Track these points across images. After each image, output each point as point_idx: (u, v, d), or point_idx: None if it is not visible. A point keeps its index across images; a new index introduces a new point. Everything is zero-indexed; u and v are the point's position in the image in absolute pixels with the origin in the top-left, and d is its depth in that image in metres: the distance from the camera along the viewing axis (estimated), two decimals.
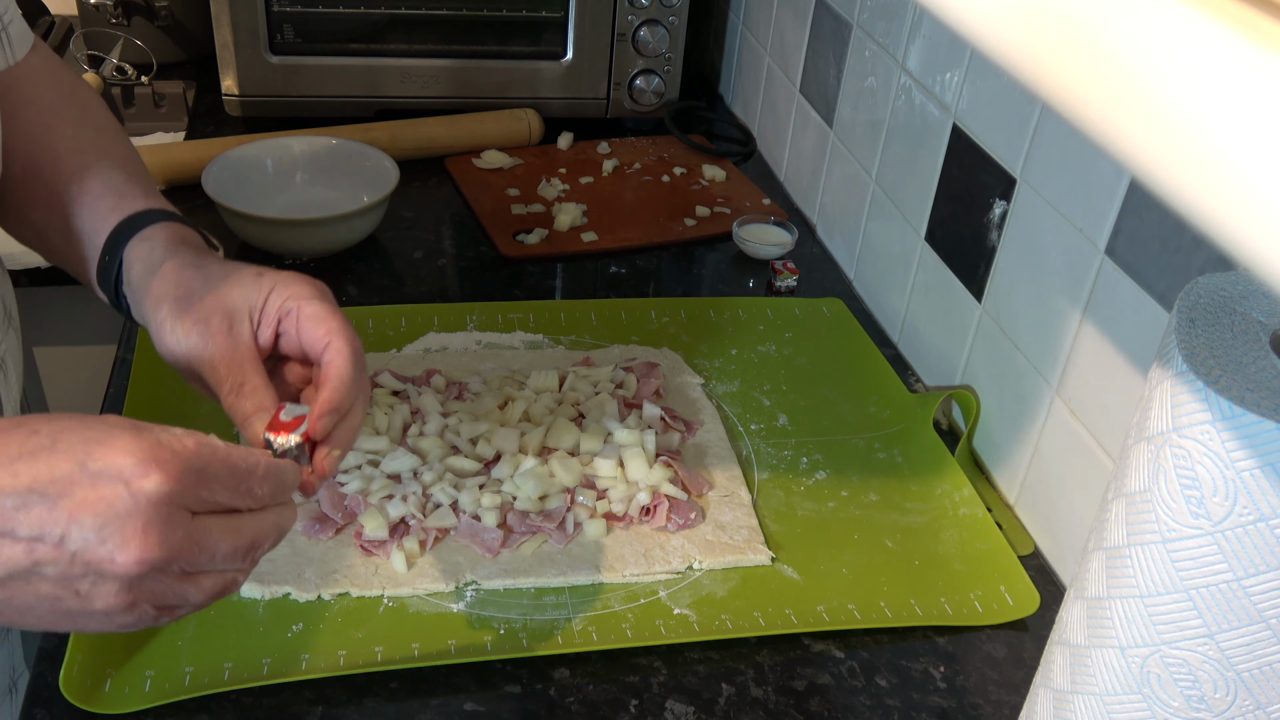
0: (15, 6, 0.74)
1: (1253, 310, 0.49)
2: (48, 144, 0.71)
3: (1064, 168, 0.79)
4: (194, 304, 0.61)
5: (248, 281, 0.61)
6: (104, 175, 0.70)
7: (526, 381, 0.92)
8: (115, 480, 0.46)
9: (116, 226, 0.67)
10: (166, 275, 0.62)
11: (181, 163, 1.18)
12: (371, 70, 1.32)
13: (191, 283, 0.62)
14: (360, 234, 1.11)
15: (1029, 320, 0.85)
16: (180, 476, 0.47)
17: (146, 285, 0.63)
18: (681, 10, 1.33)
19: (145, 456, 0.46)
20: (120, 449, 0.46)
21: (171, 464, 0.47)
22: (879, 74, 1.07)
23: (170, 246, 0.65)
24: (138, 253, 0.65)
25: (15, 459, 0.46)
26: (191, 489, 0.48)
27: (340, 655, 0.70)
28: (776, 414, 0.94)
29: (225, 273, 0.62)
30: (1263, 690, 0.47)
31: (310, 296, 0.61)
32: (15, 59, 0.73)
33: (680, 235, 1.20)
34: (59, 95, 0.75)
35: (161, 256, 0.64)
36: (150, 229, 0.66)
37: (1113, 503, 0.51)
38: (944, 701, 0.72)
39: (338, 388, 0.58)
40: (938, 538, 0.83)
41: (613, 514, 0.81)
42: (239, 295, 0.61)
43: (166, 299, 0.61)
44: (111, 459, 0.46)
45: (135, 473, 0.46)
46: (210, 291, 0.61)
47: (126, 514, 0.46)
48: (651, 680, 0.71)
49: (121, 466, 0.46)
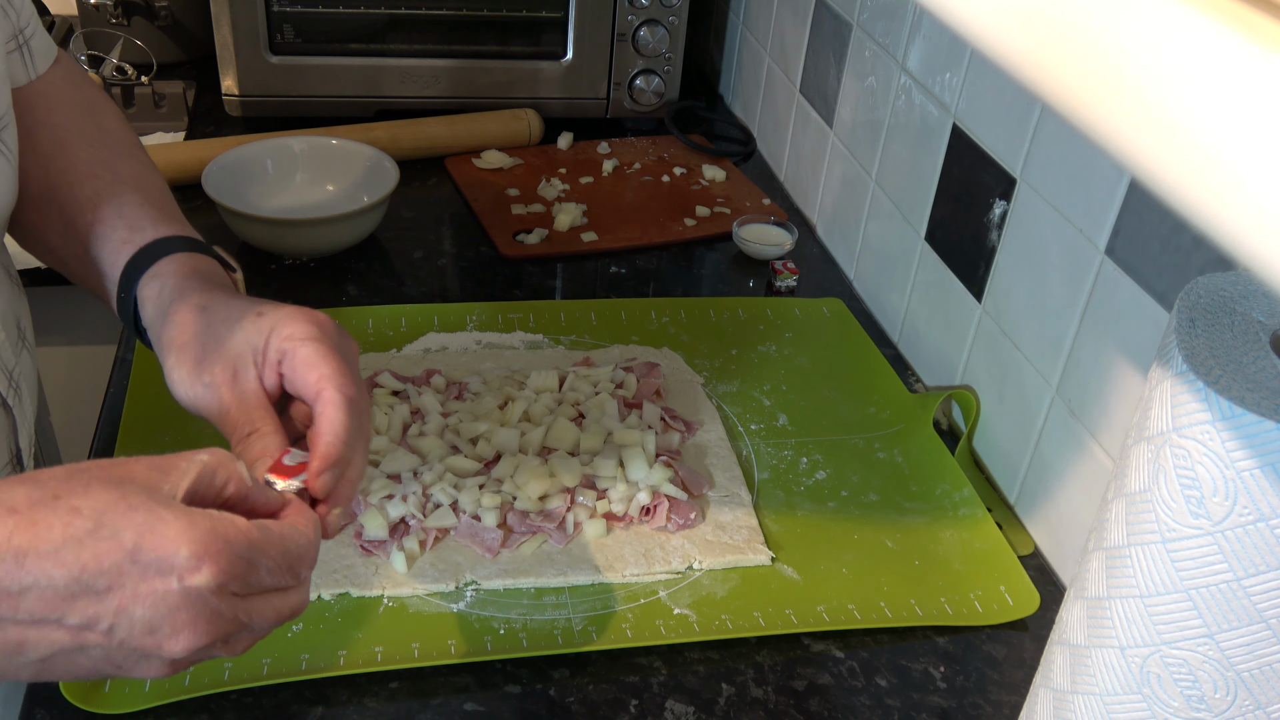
0: (38, 20, 0.73)
1: (1253, 310, 0.49)
2: (62, 167, 0.70)
3: (1064, 168, 0.79)
4: (198, 354, 0.59)
5: (249, 324, 0.59)
6: (115, 202, 0.68)
7: (526, 381, 0.92)
8: (167, 573, 0.45)
9: (128, 263, 0.65)
10: (173, 322, 0.61)
11: (181, 163, 1.18)
12: (371, 70, 1.32)
13: (195, 329, 0.60)
14: (360, 234, 1.11)
15: (1029, 320, 0.85)
16: (231, 568, 0.47)
17: (157, 330, 0.62)
18: (681, 10, 1.33)
19: (198, 550, 0.46)
20: (172, 539, 0.45)
21: (224, 555, 0.46)
22: (879, 74, 1.07)
23: (178, 286, 0.63)
24: (148, 293, 0.64)
25: (60, 546, 0.44)
26: (241, 577, 0.48)
27: (340, 655, 0.70)
28: (776, 414, 0.94)
29: (228, 314, 0.60)
30: (1263, 690, 0.47)
31: (306, 338, 0.58)
32: (36, 73, 0.73)
33: (680, 235, 1.20)
34: (74, 112, 0.73)
35: (170, 298, 0.63)
36: (159, 265, 0.65)
37: (1113, 503, 0.51)
38: (944, 701, 0.72)
39: (332, 442, 0.56)
40: (938, 538, 0.83)
41: (613, 514, 0.81)
42: (241, 340, 0.59)
43: (173, 347, 0.60)
44: (162, 549, 0.45)
45: (188, 567, 0.46)
46: (213, 338, 0.60)
47: (177, 607, 0.46)
48: (651, 680, 0.71)
49: (173, 559, 0.45)
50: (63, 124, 0.72)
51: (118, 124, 0.76)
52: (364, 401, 0.59)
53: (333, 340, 0.59)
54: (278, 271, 1.08)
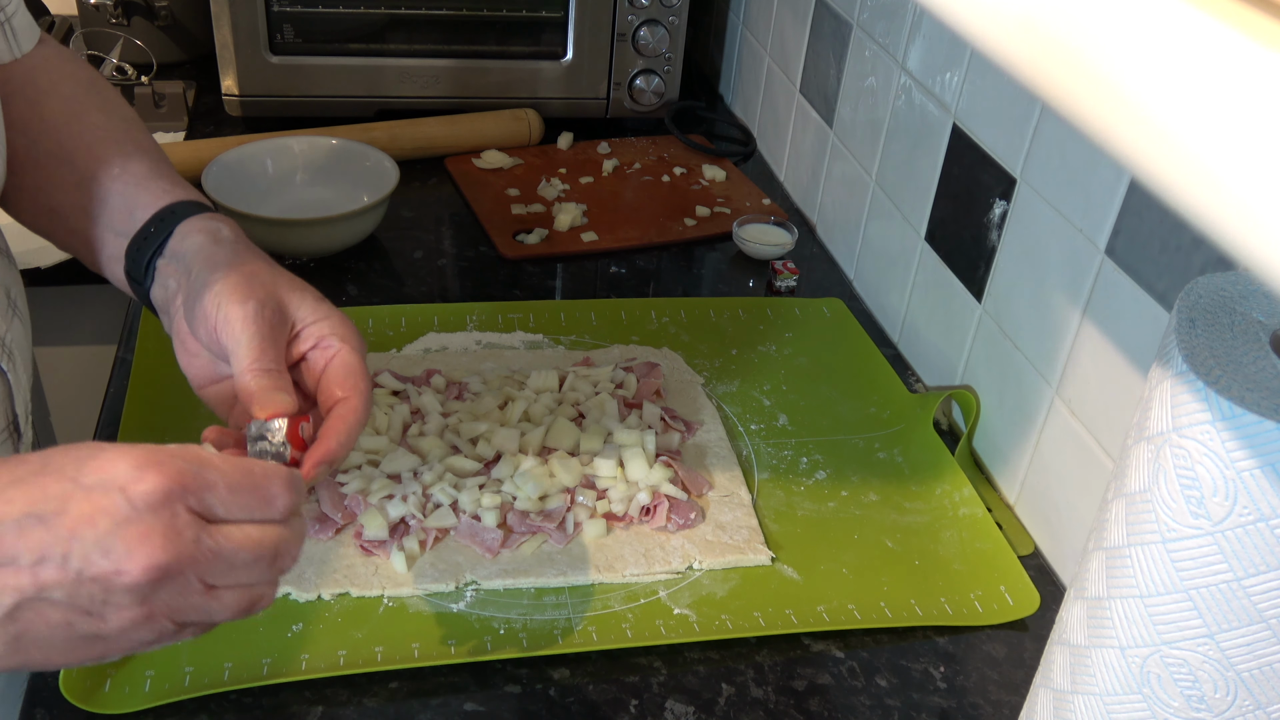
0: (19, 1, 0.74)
1: (1253, 310, 0.49)
2: (76, 131, 0.71)
3: (1064, 168, 0.79)
4: (256, 284, 0.61)
5: (310, 299, 0.63)
6: (149, 164, 0.70)
7: (526, 381, 0.92)
8: (111, 489, 0.44)
9: (172, 204, 0.67)
10: (239, 252, 0.63)
11: (181, 163, 1.18)
12: (371, 70, 1.32)
13: (263, 272, 0.62)
14: (360, 234, 1.11)
15: (1029, 320, 0.85)
16: (178, 476, 0.45)
17: (209, 252, 0.63)
18: (681, 10, 1.33)
19: (139, 461, 0.45)
20: (112, 458, 0.45)
21: (169, 465, 0.45)
22: (879, 74, 1.07)
23: (238, 235, 0.66)
24: (202, 226, 0.65)
25: (6, 486, 0.44)
26: (195, 490, 0.46)
27: (340, 655, 0.70)
28: (776, 414, 0.94)
29: (293, 279, 0.64)
30: (1263, 690, 0.47)
31: (354, 346, 0.62)
32: (21, 51, 0.73)
33: (680, 235, 1.20)
34: (80, 86, 0.74)
35: (232, 237, 0.65)
36: (213, 215, 0.67)
37: (1113, 503, 0.51)
38: (944, 701, 0.71)
39: (343, 443, 0.58)
40: (938, 538, 0.83)
41: (613, 514, 0.81)
42: (297, 301, 0.62)
43: (228, 266, 0.61)
44: (105, 469, 0.45)
45: (131, 478, 0.45)
46: (276, 283, 0.62)
47: (126, 520, 0.44)
48: (651, 680, 0.71)
49: (116, 474, 0.45)
50: (71, 94, 0.73)
51: (121, 101, 0.77)
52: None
53: (366, 365, 0.62)
54: None
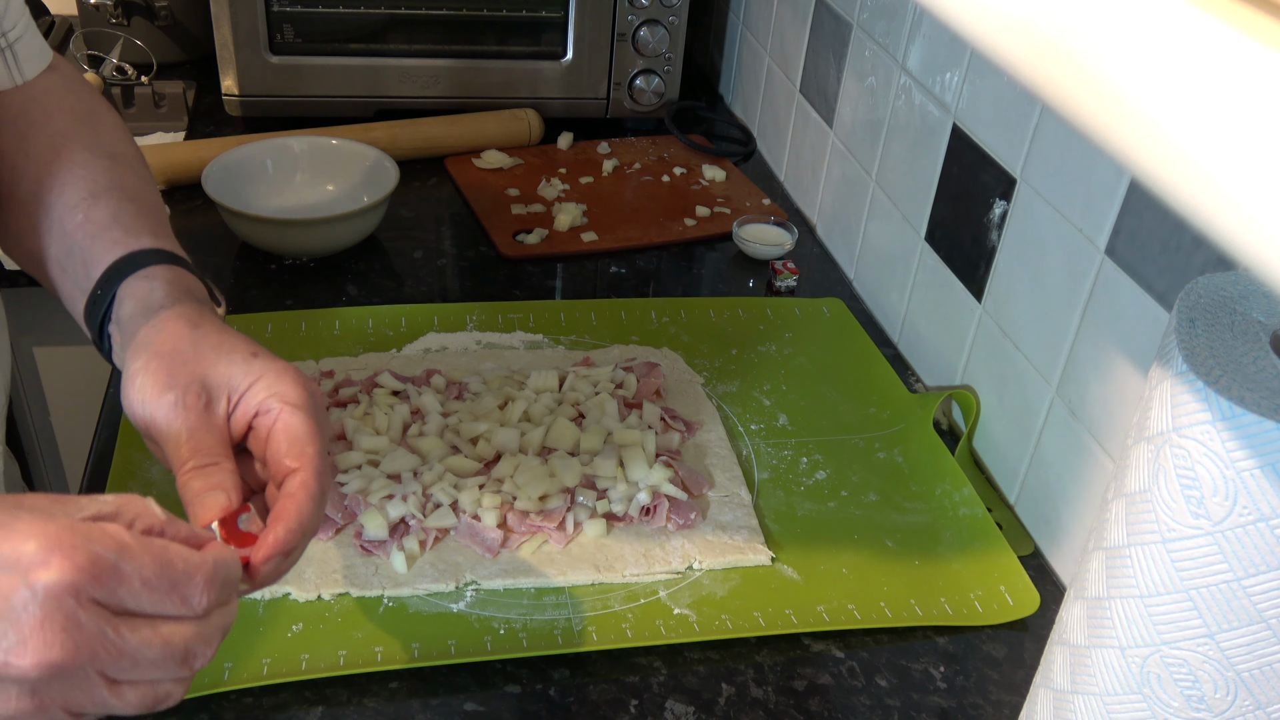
0: (29, 22, 0.71)
1: (1253, 310, 0.49)
2: (57, 170, 0.67)
3: (1064, 168, 0.79)
4: (174, 367, 0.55)
5: (240, 361, 0.56)
6: (113, 207, 0.65)
7: (526, 381, 0.92)
8: (11, 570, 0.40)
9: (117, 260, 0.62)
10: (158, 326, 0.57)
11: (181, 163, 1.18)
12: (371, 70, 1.32)
13: (181, 342, 0.56)
14: (360, 234, 1.11)
15: (1029, 320, 0.85)
16: (88, 566, 0.41)
17: (135, 327, 0.58)
18: (681, 10, 1.33)
19: (48, 543, 0.41)
20: (22, 534, 0.41)
21: (79, 551, 0.41)
22: (879, 74, 1.07)
23: (172, 293, 0.60)
24: (134, 290, 0.61)
25: None
26: (104, 582, 0.42)
27: (340, 655, 0.70)
28: (776, 414, 0.94)
29: (219, 342, 0.57)
30: (1263, 690, 0.47)
31: (295, 404, 0.55)
32: (23, 78, 0.70)
33: (680, 235, 1.20)
34: (73, 120, 0.71)
35: (161, 301, 0.59)
36: (154, 268, 0.62)
37: (1113, 503, 0.51)
38: (944, 701, 0.71)
39: (294, 530, 0.52)
40: (938, 538, 0.83)
41: (613, 514, 0.81)
42: (226, 373, 0.56)
43: (148, 350, 0.56)
44: (11, 545, 0.40)
45: (36, 561, 0.40)
46: (197, 358, 0.56)
47: (22, 608, 0.40)
48: (651, 680, 0.71)
49: (20, 554, 0.40)
50: (60, 130, 0.70)
51: (119, 135, 0.73)
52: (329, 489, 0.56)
53: (318, 416, 0.56)
54: (278, 271, 1.08)
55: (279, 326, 0.99)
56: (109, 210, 0.65)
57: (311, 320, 1.00)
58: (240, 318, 1.00)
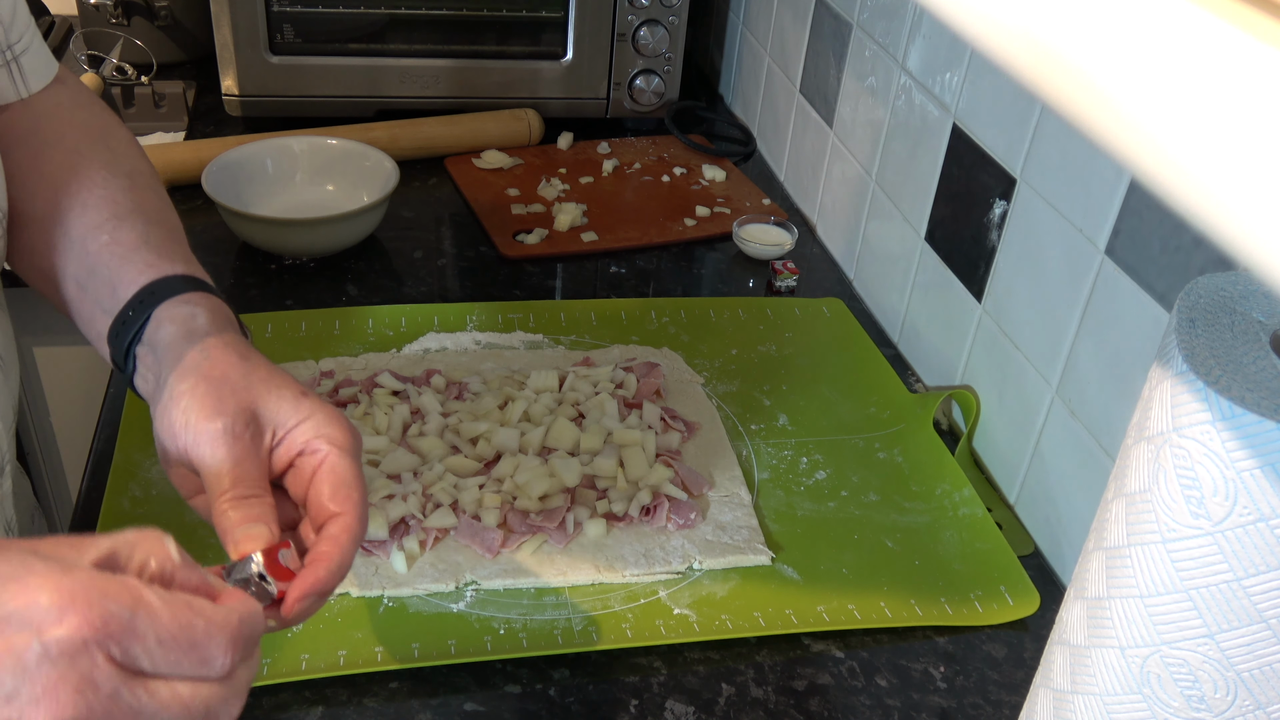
0: (35, 34, 0.70)
1: (1253, 310, 0.49)
2: (74, 189, 0.66)
3: (1064, 168, 0.79)
4: (226, 394, 0.55)
5: (290, 397, 0.56)
6: (140, 230, 0.64)
7: (526, 381, 0.92)
8: (25, 626, 0.39)
9: (152, 283, 0.61)
10: (208, 351, 0.57)
11: (181, 163, 1.18)
12: (371, 70, 1.32)
13: (232, 371, 0.56)
14: (360, 234, 1.11)
15: (1029, 320, 0.85)
16: (102, 624, 0.39)
17: (179, 351, 0.57)
18: (681, 10, 1.33)
19: (62, 598, 0.39)
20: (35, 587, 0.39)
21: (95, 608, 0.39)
22: (879, 74, 1.07)
23: (215, 321, 0.60)
24: (175, 314, 0.60)
25: None
26: (121, 640, 0.40)
27: (340, 655, 0.70)
28: (776, 414, 0.94)
29: (269, 376, 0.57)
30: (1263, 690, 0.47)
31: (343, 449, 0.55)
32: (28, 91, 0.70)
33: (680, 235, 1.20)
34: (87, 138, 0.70)
35: (205, 328, 0.59)
36: (194, 295, 0.61)
37: (1113, 503, 0.51)
38: (944, 701, 0.72)
39: (334, 572, 0.51)
40: (938, 538, 0.83)
41: (613, 514, 0.81)
42: (274, 406, 0.55)
43: (196, 373, 0.55)
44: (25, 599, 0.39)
45: (49, 618, 0.39)
46: (248, 389, 0.55)
47: (35, 667, 0.38)
48: (651, 680, 0.71)
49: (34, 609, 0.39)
50: (75, 147, 0.68)
51: (134, 152, 0.72)
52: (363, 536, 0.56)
53: (360, 462, 0.56)
54: (278, 271, 1.08)
55: (279, 326, 0.99)
56: (136, 233, 0.64)
57: (311, 320, 1.00)
58: (240, 318, 1.00)
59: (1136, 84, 0.23)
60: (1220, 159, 0.21)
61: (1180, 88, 0.22)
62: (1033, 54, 0.26)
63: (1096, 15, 0.24)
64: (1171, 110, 0.22)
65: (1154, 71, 0.22)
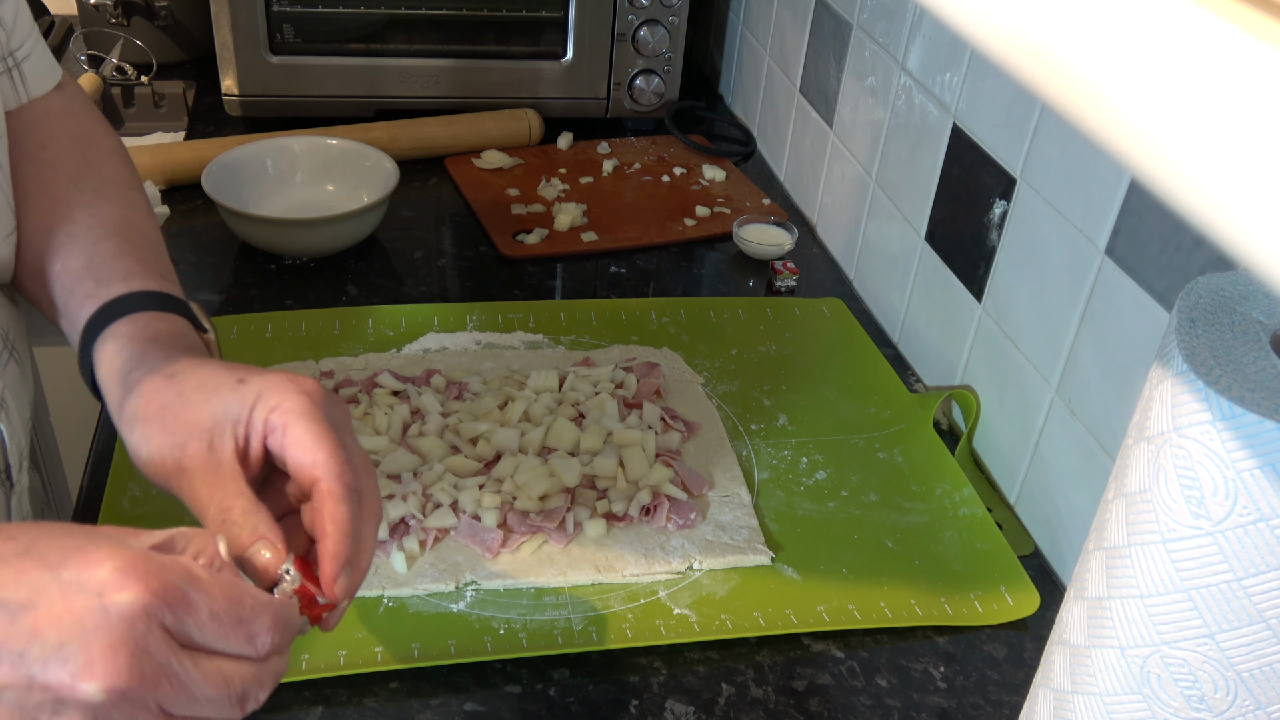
0: (38, 40, 0.70)
1: (1253, 310, 0.49)
2: (40, 207, 0.65)
3: (1064, 168, 0.79)
4: (169, 423, 0.53)
5: (228, 393, 0.53)
6: (87, 250, 0.63)
7: (526, 381, 0.92)
8: (88, 591, 0.40)
9: (90, 318, 0.60)
10: (138, 393, 0.55)
11: (181, 163, 1.18)
12: (371, 70, 1.32)
13: (164, 397, 0.54)
14: (360, 234, 1.11)
15: (1029, 320, 0.85)
16: (162, 592, 0.41)
17: (116, 398, 0.56)
18: (681, 10, 1.33)
19: (125, 565, 0.41)
20: (98, 558, 0.41)
21: (154, 577, 0.41)
22: (879, 74, 1.07)
23: (139, 352, 0.57)
24: (104, 353, 0.58)
25: None
26: (176, 610, 0.42)
27: (340, 655, 0.70)
28: (776, 414, 0.94)
29: (202, 381, 0.54)
30: (1263, 690, 0.47)
31: (298, 413, 0.52)
32: (29, 96, 0.69)
33: (680, 235, 1.20)
34: (66, 147, 0.69)
35: (131, 364, 0.57)
36: (119, 325, 0.59)
37: (1113, 503, 0.51)
38: (944, 701, 0.72)
39: (339, 540, 0.51)
40: (938, 538, 0.83)
41: (613, 514, 0.81)
42: (218, 409, 0.53)
43: (138, 420, 0.54)
44: (88, 567, 0.41)
45: (111, 583, 0.41)
46: (185, 406, 0.53)
47: (94, 630, 0.40)
48: (651, 680, 0.71)
49: (97, 576, 0.41)
50: (51, 160, 0.67)
51: (113, 161, 0.70)
52: (366, 481, 0.54)
53: (324, 413, 0.54)
54: (278, 271, 1.08)
55: (279, 326, 0.99)
56: (82, 257, 0.63)
57: (311, 320, 1.00)
58: (240, 318, 1.00)
59: (1136, 83, 0.23)
60: (1220, 159, 0.21)
61: (1180, 87, 0.22)
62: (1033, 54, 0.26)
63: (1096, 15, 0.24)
64: (1171, 110, 0.22)
65: (1154, 71, 0.22)
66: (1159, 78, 0.22)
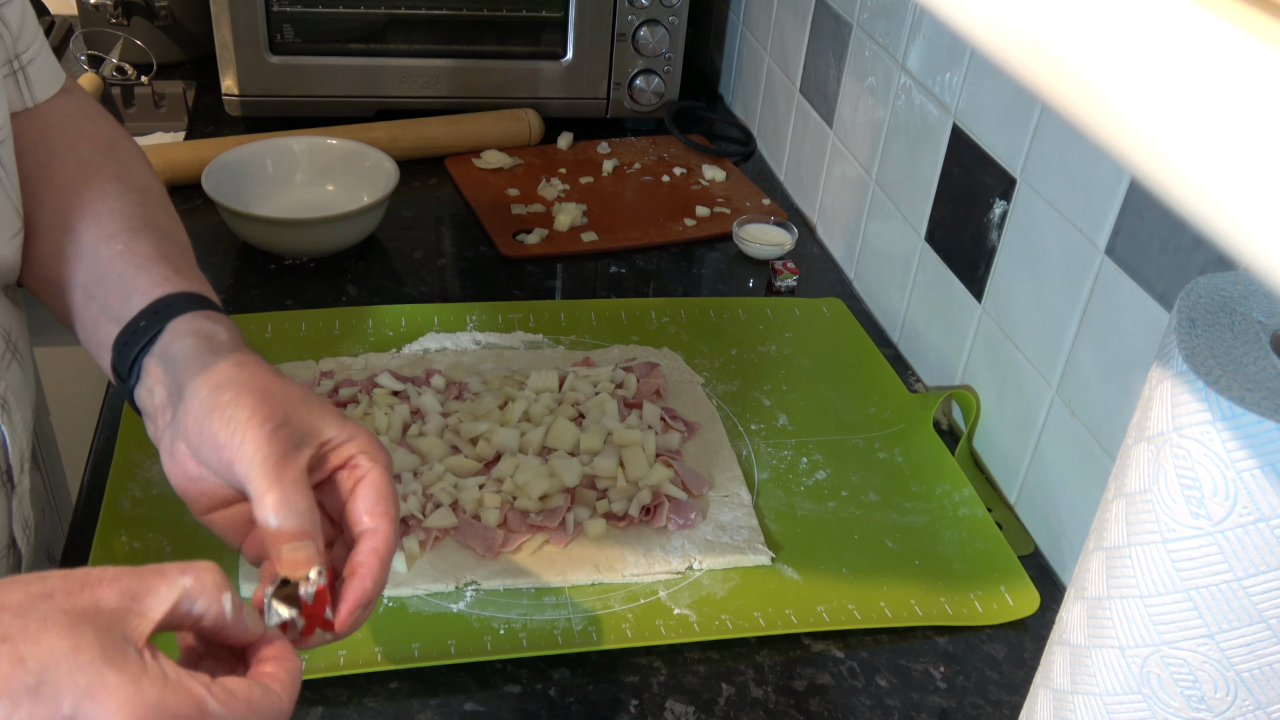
0: (42, 43, 0.70)
1: (1253, 310, 0.49)
2: (86, 199, 0.66)
3: (1064, 168, 0.79)
4: (271, 404, 0.55)
5: (330, 416, 0.57)
6: (155, 244, 0.65)
7: (526, 381, 0.92)
8: None
9: (168, 295, 0.61)
10: (241, 364, 0.57)
11: (181, 163, 1.18)
12: (371, 70, 1.32)
13: (272, 385, 0.56)
14: (360, 234, 1.11)
15: (1029, 320, 0.85)
16: None
17: (204, 363, 0.57)
18: (681, 10, 1.33)
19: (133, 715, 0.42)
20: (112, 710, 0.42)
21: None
22: (879, 74, 1.07)
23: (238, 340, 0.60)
24: (196, 328, 0.59)
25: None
26: None
27: (340, 655, 0.70)
28: (776, 414, 0.94)
29: (306, 394, 0.58)
30: (1263, 690, 0.47)
31: (383, 468, 0.57)
32: (34, 100, 0.70)
33: (680, 235, 1.20)
34: (98, 148, 0.70)
35: (229, 344, 0.59)
36: (213, 313, 0.62)
37: (1113, 503, 0.51)
38: (944, 701, 0.72)
39: (377, 582, 0.54)
40: (938, 538, 0.83)
41: (613, 514, 0.81)
42: (318, 418, 0.56)
43: (235, 385, 0.56)
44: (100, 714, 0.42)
45: None
46: (288, 402, 0.56)
47: None
48: (651, 680, 0.71)
49: None
50: (87, 158, 0.68)
51: (143, 167, 0.72)
52: None
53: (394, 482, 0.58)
54: (278, 271, 1.08)
55: (279, 326, 0.99)
56: (152, 246, 0.64)
57: (311, 320, 1.00)
58: (240, 318, 1.00)
59: (1136, 83, 0.23)
60: (1220, 159, 0.21)
61: (1180, 87, 0.22)
62: (1033, 54, 0.26)
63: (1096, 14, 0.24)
64: (1171, 110, 0.22)
65: (1154, 71, 0.22)
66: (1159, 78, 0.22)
